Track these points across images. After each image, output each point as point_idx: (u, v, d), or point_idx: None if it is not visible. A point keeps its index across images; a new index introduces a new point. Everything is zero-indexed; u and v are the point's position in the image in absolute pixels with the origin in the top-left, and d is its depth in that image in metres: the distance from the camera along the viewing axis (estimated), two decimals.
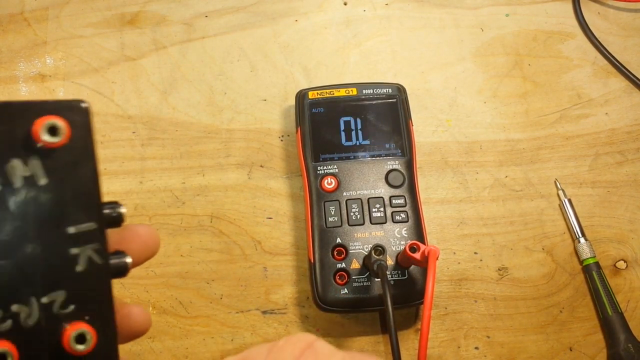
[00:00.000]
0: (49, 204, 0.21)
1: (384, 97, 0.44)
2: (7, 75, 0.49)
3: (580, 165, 0.47)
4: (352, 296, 0.38)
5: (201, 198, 0.45)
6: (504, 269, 0.43)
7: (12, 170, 0.20)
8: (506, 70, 0.51)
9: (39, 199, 0.21)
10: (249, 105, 0.48)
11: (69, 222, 0.21)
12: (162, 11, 0.52)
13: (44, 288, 0.21)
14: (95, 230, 0.22)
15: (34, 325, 0.20)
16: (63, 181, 0.21)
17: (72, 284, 0.21)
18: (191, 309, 0.41)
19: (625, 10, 0.54)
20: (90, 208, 0.22)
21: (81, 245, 0.22)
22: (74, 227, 0.22)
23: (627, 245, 0.44)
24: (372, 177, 0.41)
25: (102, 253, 0.22)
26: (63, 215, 0.21)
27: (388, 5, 0.53)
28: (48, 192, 0.21)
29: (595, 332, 0.41)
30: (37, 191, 0.21)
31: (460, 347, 0.40)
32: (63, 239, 0.21)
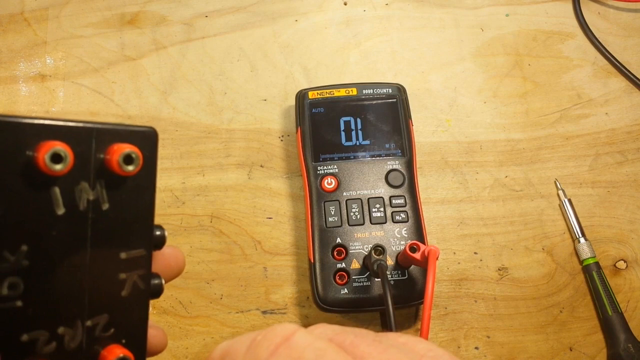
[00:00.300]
0: (107, 229, 0.21)
1: (384, 97, 0.44)
2: (7, 75, 0.49)
3: (580, 165, 0.47)
4: (352, 296, 0.38)
5: (201, 198, 0.45)
6: (504, 269, 0.43)
7: (79, 193, 0.20)
8: (506, 70, 0.51)
9: (99, 223, 0.21)
10: (249, 105, 0.48)
11: (122, 248, 0.22)
12: (162, 11, 0.52)
13: (90, 311, 0.21)
14: (144, 257, 0.22)
15: (75, 347, 0.20)
16: (124, 208, 0.21)
17: (116, 308, 0.21)
18: (191, 309, 0.41)
19: (625, 10, 0.54)
20: (144, 235, 0.22)
21: (130, 271, 0.22)
22: (126, 253, 0.22)
23: (627, 245, 0.44)
24: (372, 177, 0.41)
25: (146, 278, 0.22)
26: (118, 240, 0.21)
27: (388, 5, 0.53)
28: (108, 217, 0.21)
29: (595, 332, 0.41)
30: (99, 216, 0.21)
31: (460, 347, 0.40)
32: (115, 264, 0.21)
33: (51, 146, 0.18)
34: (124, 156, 0.20)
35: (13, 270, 0.19)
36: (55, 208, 0.20)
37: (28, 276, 0.19)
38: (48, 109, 0.48)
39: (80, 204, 0.20)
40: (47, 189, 0.19)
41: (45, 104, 0.48)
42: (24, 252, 0.19)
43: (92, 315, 0.21)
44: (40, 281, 0.20)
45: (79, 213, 0.20)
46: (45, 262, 0.20)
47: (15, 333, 0.19)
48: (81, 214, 0.20)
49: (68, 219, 0.20)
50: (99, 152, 0.20)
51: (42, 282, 0.20)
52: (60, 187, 0.20)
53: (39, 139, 0.19)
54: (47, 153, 0.18)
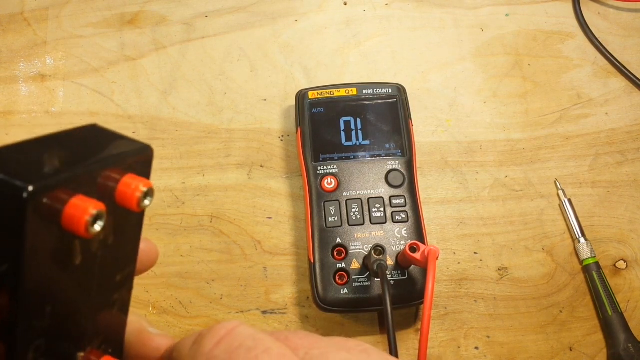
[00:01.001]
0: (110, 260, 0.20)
1: (384, 97, 0.44)
2: (7, 75, 0.49)
3: (580, 165, 0.47)
4: (352, 296, 0.38)
5: (201, 198, 0.45)
6: (504, 269, 0.43)
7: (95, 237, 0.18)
8: (506, 70, 0.50)
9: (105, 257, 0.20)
10: (249, 105, 0.48)
11: (117, 271, 0.21)
12: (162, 11, 0.52)
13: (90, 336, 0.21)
14: (132, 272, 0.22)
15: None
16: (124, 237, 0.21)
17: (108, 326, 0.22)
18: (191, 309, 0.41)
19: (625, 10, 0.54)
20: (134, 254, 0.22)
21: (121, 290, 0.22)
22: (120, 275, 0.21)
23: (627, 245, 0.44)
24: (372, 177, 0.41)
25: (130, 289, 0.22)
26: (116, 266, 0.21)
27: (388, 5, 0.53)
28: (112, 249, 0.20)
29: (595, 332, 0.41)
30: (105, 251, 0.19)
31: (460, 347, 0.40)
32: (112, 287, 0.21)
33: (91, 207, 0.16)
34: (145, 193, 0.19)
35: (39, 335, 0.18)
36: (75, 260, 0.18)
37: (49, 334, 0.18)
38: (48, 109, 0.48)
39: (93, 248, 0.19)
40: (69, 244, 0.17)
41: (45, 104, 0.48)
42: (48, 313, 0.18)
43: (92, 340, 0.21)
44: (57, 333, 0.19)
45: (92, 256, 0.19)
46: (63, 314, 0.19)
47: None
48: (93, 256, 0.19)
49: (83, 265, 0.19)
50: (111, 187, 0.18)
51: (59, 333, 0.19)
52: (80, 240, 0.18)
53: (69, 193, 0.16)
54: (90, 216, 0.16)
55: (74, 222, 0.16)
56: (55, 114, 0.48)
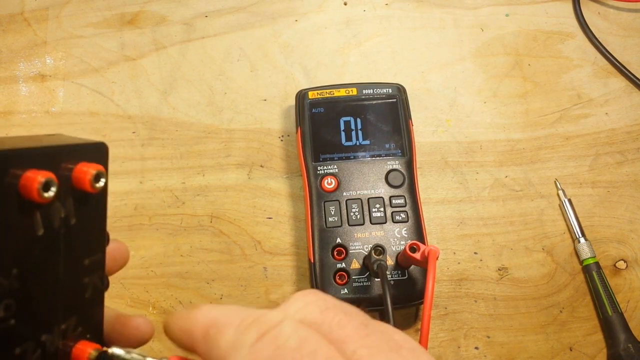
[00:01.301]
0: (75, 241, 0.22)
1: (384, 97, 0.44)
2: (7, 75, 0.49)
3: (580, 165, 0.47)
4: (352, 296, 0.38)
5: (201, 198, 0.45)
6: (504, 269, 0.43)
7: (54, 212, 0.21)
8: (506, 70, 0.50)
9: (69, 237, 0.22)
10: (249, 105, 0.48)
11: (86, 255, 0.23)
12: (162, 11, 0.52)
13: (63, 316, 0.22)
14: (101, 259, 0.24)
15: (54, 350, 0.22)
16: (87, 219, 0.23)
17: (82, 309, 0.23)
18: None
19: (625, 10, 0.54)
20: (101, 240, 0.24)
21: (91, 274, 0.24)
22: (88, 259, 0.23)
23: (627, 245, 0.44)
24: (372, 177, 0.41)
25: (102, 278, 0.24)
26: (83, 249, 0.23)
27: (388, 5, 0.53)
28: (75, 230, 0.22)
29: (595, 332, 0.41)
30: (68, 230, 0.22)
31: (460, 347, 0.40)
32: (80, 270, 0.23)
33: (40, 176, 0.19)
34: (95, 175, 0.22)
35: (7, 293, 0.20)
36: (37, 230, 0.21)
37: (18, 296, 0.20)
38: (48, 109, 0.48)
39: (55, 222, 0.21)
40: (31, 213, 0.20)
41: (45, 104, 0.48)
42: (15, 275, 0.20)
43: (65, 320, 0.22)
44: (28, 298, 0.21)
45: (54, 231, 0.21)
46: (30, 280, 0.21)
47: (11, 348, 0.20)
48: (55, 231, 0.21)
49: (46, 237, 0.21)
50: (67, 171, 0.21)
51: (29, 299, 0.21)
52: (40, 210, 0.20)
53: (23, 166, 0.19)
54: (39, 183, 0.19)
55: (28, 188, 0.19)
56: (55, 114, 0.48)
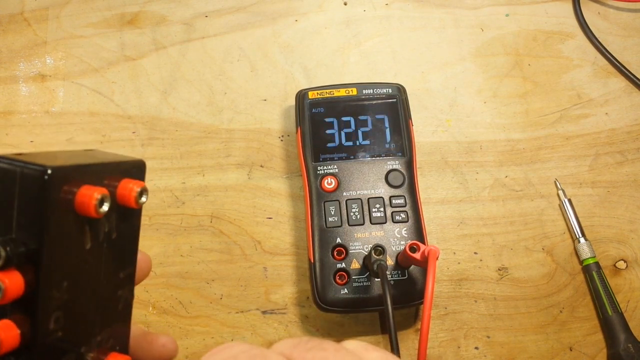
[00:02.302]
0: (114, 255, 0.23)
1: (384, 97, 0.44)
2: (7, 75, 0.49)
3: (580, 165, 0.47)
4: (352, 296, 0.38)
5: (201, 198, 0.45)
6: (504, 269, 0.43)
7: (100, 227, 0.22)
8: (506, 70, 0.51)
9: (110, 251, 0.23)
10: (249, 105, 0.48)
11: (121, 268, 0.24)
12: (162, 11, 0.52)
13: (100, 327, 0.23)
14: (133, 272, 0.25)
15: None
16: (125, 234, 0.24)
17: (114, 321, 0.24)
18: (191, 309, 0.41)
19: (625, 10, 0.54)
20: (134, 254, 0.25)
21: (124, 287, 0.24)
22: (123, 273, 0.24)
23: (627, 245, 0.44)
24: (372, 177, 0.41)
25: (132, 291, 0.25)
26: (119, 263, 0.24)
27: (388, 5, 0.53)
28: (115, 245, 0.23)
29: (595, 332, 0.41)
30: (110, 244, 0.23)
31: (460, 347, 0.40)
32: (117, 283, 0.24)
33: (97, 192, 0.20)
34: (140, 192, 0.23)
35: (58, 306, 0.20)
36: (86, 244, 0.21)
37: (67, 308, 0.21)
38: (48, 109, 0.48)
39: (100, 237, 0.22)
40: (82, 227, 0.21)
41: (45, 104, 0.48)
42: (65, 288, 0.21)
43: (101, 331, 0.23)
44: (74, 311, 0.21)
45: (99, 244, 0.22)
46: (76, 293, 0.21)
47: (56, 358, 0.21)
48: (100, 245, 0.22)
49: (92, 251, 0.22)
50: (113, 188, 0.22)
51: (75, 311, 0.21)
52: (90, 225, 0.21)
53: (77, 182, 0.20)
54: (96, 200, 0.20)
55: (85, 204, 0.20)
56: (55, 114, 0.48)
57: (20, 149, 0.45)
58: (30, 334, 0.19)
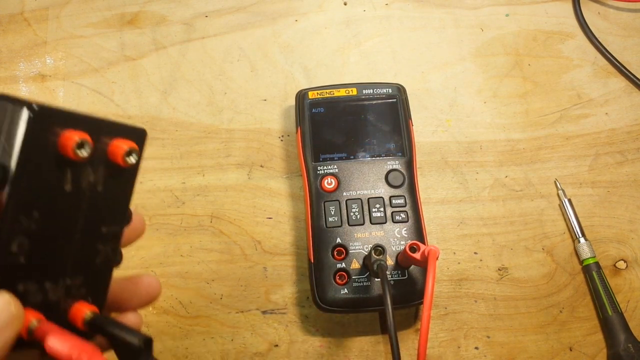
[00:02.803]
0: (97, 207, 0.25)
1: (384, 97, 0.44)
2: (7, 75, 0.49)
3: (580, 165, 0.47)
4: (352, 296, 0.38)
5: (201, 198, 0.45)
6: (504, 269, 0.43)
7: (85, 175, 0.24)
8: (506, 70, 0.51)
9: (92, 201, 0.24)
10: (249, 105, 0.48)
11: (104, 223, 0.25)
12: (162, 11, 0.52)
13: (70, 272, 0.24)
14: (118, 232, 0.26)
15: (55, 300, 0.24)
16: (112, 191, 0.25)
17: (89, 272, 0.25)
18: (191, 309, 0.41)
19: (625, 10, 0.54)
20: (122, 215, 0.26)
21: (105, 243, 0.26)
22: (106, 228, 0.26)
23: (627, 245, 0.44)
24: (372, 177, 0.41)
25: (116, 251, 0.26)
26: (103, 216, 0.25)
27: (388, 5, 0.53)
28: (100, 197, 0.25)
29: (595, 332, 0.41)
30: (93, 194, 0.24)
31: (460, 347, 0.40)
32: (97, 235, 0.25)
33: (77, 136, 0.22)
34: (127, 151, 0.25)
35: (24, 232, 0.22)
36: (65, 184, 0.23)
37: (33, 238, 0.22)
38: None
39: (82, 183, 0.24)
40: (63, 168, 0.23)
41: None
42: (35, 218, 0.22)
43: (72, 276, 0.25)
44: (41, 243, 0.23)
45: (80, 191, 0.24)
46: (47, 228, 0.23)
47: (14, 283, 0.22)
48: (82, 191, 0.24)
49: (72, 194, 0.23)
50: (105, 144, 0.24)
51: (42, 244, 0.23)
52: (72, 169, 0.23)
53: (66, 126, 0.22)
54: (75, 142, 0.22)
55: (65, 145, 0.22)
56: None
57: None
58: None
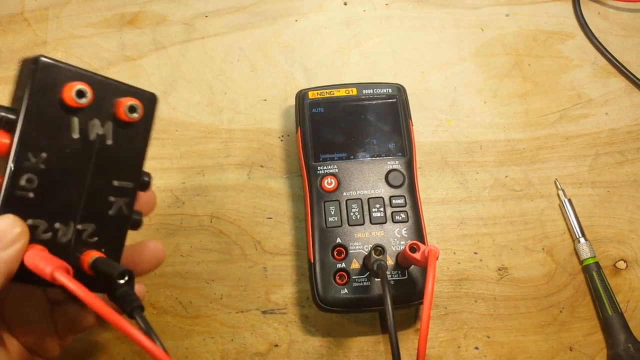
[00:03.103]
0: (107, 159, 0.27)
1: (384, 97, 0.44)
2: (7, 75, 0.49)
3: (580, 165, 0.47)
4: (352, 296, 0.38)
5: (201, 198, 0.45)
6: (504, 269, 0.43)
7: (91, 127, 0.27)
8: (506, 70, 0.51)
9: (102, 153, 0.27)
10: (249, 105, 0.48)
11: (116, 177, 0.28)
12: (162, 11, 0.52)
13: (82, 218, 0.27)
14: (131, 189, 0.29)
15: (65, 242, 0.26)
16: (123, 147, 0.28)
17: (102, 222, 0.28)
18: (191, 309, 0.41)
19: (625, 10, 0.54)
20: (134, 172, 0.29)
21: (118, 197, 0.28)
22: (117, 182, 0.28)
23: (627, 245, 0.44)
24: (372, 177, 0.41)
25: (130, 207, 0.29)
26: (114, 170, 0.28)
27: (388, 5, 0.53)
28: (110, 150, 0.27)
29: (595, 332, 0.41)
30: (103, 147, 0.27)
31: (460, 347, 0.40)
32: (108, 187, 0.28)
33: (78, 84, 0.25)
34: (129, 106, 0.27)
35: (32, 169, 0.25)
36: (72, 132, 0.26)
37: (42, 177, 0.25)
38: None
39: (91, 135, 0.27)
40: (69, 116, 0.26)
41: None
42: (43, 158, 0.25)
43: (83, 222, 0.27)
44: (50, 183, 0.25)
45: (89, 141, 0.27)
46: (56, 170, 0.26)
47: (23, 216, 0.25)
48: (90, 142, 0.27)
49: (80, 142, 0.26)
50: (112, 101, 0.27)
51: (51, 184, 0.26)
52: (79, 118, 0.26)
53: (71, 79, 0.26)
54: (75, 89, 0.25)
55: (66, 93, 0.25)
56: None
57: None
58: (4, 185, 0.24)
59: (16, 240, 0.24)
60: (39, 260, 0.24)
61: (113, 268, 0.26)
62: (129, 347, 0.39)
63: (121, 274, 0.25)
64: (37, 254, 0.24)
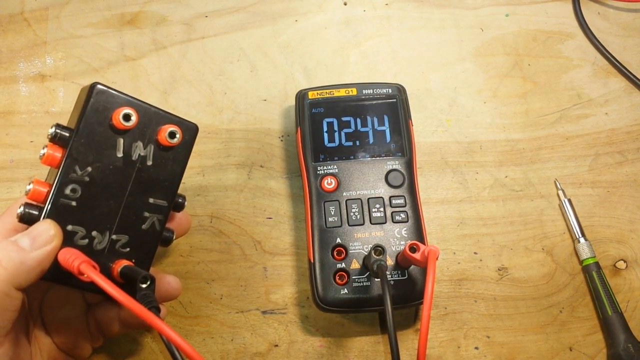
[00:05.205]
0: (146, 178, 0.31)
1: (384, 97, 0.44)
2: (7, 75, 0.49)
3: (580, 165, 0.47)
4: (352, 296, 0.38)
5: (201, 198, 0.45)
6: (504, 269, 0.43)
7: (135, 148, 0.30)
8: (506, 70, 0.51)
9: (141, 172, 0.31)
10: (249, 105, 0.48)
11: (152, 195, 0.31)
12: (162, 11, 0.52)
13: (117, 228, 0.30)
14: (165, 207, 0.32)
15: (99, 250, 0.29)
16: (161, 168, 0.31)
17: (135, 235, 0.31)
18: (191, 309, 0.41)
19: (625, 10, 0.54)
20: (169, 192, 0.32)
21: (152, 212, 0.31)
22: (153, 199, 0.31)
23: (627, 245, 0.44)
24: (372, 177, 0.41)
25: (162, 223, 0.32)
26: (151, 188, 0.31)
27: (388, 5, 0.53)
28: (149, 171, 0.31)
29: (595, 332, 0.41)
30: (143, 167, 0.31)
31: (460, 347, 0.40)
32: (144, 203, 0.31)
33: (125, 109, 0.29)
34: (170, 132, 0.31)
35: (77, 181, 0.28)
36: (117, 151, 0.29)
37: (85, 188, 0.28)
38: (48, 109, 0.48)
39: (133, 155, 0.30)
40: (115, 137, 0.29)
41: (45, 104, 0.48)
42: (88, 172, 0.28)
43: (118, 232, 0.30)
44: (92, 194, 0.29)
45: (131, 160, 0.30)
46: (99, 183, 0.29)
47: (65, 222, 0.28)
48: (132, 161, 0.30)
49: (123, 160, 0.30)
50: (156, 127, 0.31)
51: (93, 196, 0.29)
52: (124, 140, 0.30)
53: (121, 105, 0.29)
54: (121, 113, 0.29)
55: (115, 116, 0.29)
56: (55, 113, 0.48)
57: (20, 149, 0.45)
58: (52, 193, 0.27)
59: (49, 241, 0.27)
60: (70, 255, 0.27)
61: (137, 273, 0.28)
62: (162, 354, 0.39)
63: (144, 278, 0.27)
64: (70, 252, 0.27)
